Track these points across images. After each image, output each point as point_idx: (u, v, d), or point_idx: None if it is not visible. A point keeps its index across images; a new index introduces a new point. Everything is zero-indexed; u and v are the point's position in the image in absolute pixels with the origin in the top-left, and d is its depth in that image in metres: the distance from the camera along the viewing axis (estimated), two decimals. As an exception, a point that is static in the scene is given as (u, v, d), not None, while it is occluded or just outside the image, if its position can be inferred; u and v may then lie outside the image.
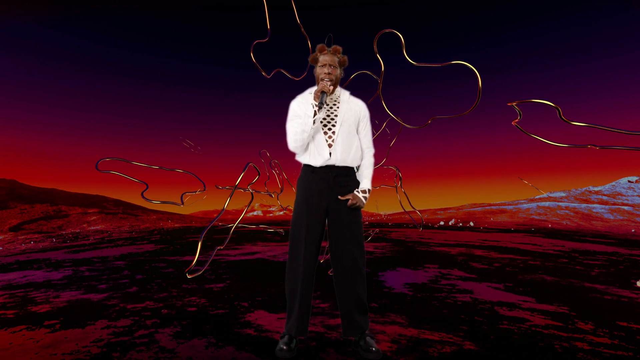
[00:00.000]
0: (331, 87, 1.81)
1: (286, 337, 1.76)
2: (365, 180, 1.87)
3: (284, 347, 1.70)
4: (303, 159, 1.88)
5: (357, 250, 1.79)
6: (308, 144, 1.85)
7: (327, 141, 1.81)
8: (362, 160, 1.91)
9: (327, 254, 3.63)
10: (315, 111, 1.77)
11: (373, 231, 5.01)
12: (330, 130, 1.82)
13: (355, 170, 1.92)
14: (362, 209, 1.87)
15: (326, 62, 1.83)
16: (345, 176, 1.84)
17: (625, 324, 2.29)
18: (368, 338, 1.74)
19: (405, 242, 7.74)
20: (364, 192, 1.84)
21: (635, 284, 3.53)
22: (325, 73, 1.81)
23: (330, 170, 1.81)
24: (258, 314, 2.42)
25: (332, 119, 1.84)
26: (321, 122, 1.84)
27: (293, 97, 1.93)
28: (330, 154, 1.80)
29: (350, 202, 1.80)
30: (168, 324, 2.22)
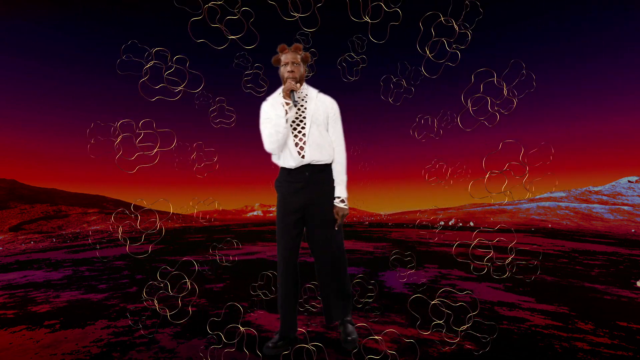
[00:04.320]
0: (298, 85, 1.81)
1: (276, 336, 1.83)
2: (339, 187, 1.85)
3: (270, 345, 1.78)
4: (278, 162, 1.89)
5: (333, 239, 1.81)
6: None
7: (298, 144, 1.80)
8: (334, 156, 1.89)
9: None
10: (286, 110, 1.77)
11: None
12: (299, 132, 1.81)
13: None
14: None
15: (288, 60, 1.81)
16: (321, 172, 1.83)
17: (625, 324, 2.29)
18: (349, 325, 1.75)
19: (406, 242, 7.74)
20: (342, 201, 1.83)
21: (635, 284, 3.53)
22: (288, 72, 1.80)
23: (305, 169, 1.82)
24: (258, 314, 2.43)
25: (301, 119, 1.83)
26: (291, 123, 1.82)
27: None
28: (302, 155, 1.80)
29: (338, 222, 1.82)
30: (168, 324, 2.22)
